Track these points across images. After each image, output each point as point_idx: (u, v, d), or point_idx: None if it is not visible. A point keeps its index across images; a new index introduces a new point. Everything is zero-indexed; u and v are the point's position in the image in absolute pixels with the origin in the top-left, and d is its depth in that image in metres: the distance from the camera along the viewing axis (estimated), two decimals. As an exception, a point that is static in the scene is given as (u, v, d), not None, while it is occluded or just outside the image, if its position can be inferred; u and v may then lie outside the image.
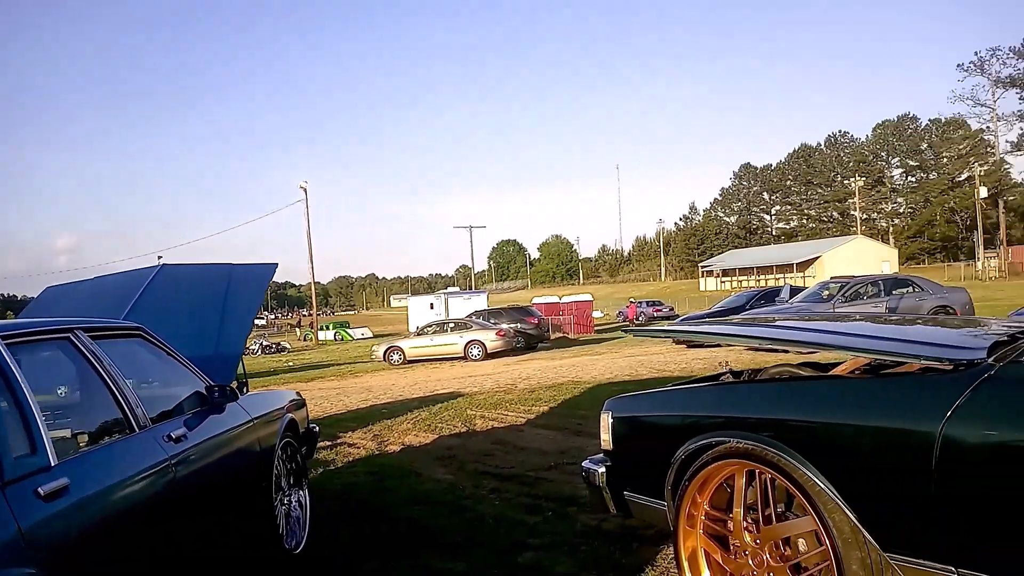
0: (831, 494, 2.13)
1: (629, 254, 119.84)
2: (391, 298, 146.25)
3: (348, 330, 54.36)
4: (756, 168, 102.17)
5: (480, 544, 4.05)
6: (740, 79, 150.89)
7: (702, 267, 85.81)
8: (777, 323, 2.96)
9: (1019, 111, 74.44)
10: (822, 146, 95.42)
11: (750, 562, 2.44)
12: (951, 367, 2.00)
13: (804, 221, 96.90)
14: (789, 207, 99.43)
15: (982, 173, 67.46)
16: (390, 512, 4.86)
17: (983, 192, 64.11)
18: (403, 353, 21.56)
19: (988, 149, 76.81)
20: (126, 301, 4.47)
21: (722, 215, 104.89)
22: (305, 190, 42.40)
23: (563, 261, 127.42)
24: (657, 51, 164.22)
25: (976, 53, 76.95)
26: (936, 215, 79.92)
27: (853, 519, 2.10)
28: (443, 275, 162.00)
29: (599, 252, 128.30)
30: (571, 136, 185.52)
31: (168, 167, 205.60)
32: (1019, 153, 75.38)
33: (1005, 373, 1.86)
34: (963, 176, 76.70)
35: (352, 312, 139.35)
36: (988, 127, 77.60)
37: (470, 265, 60.93)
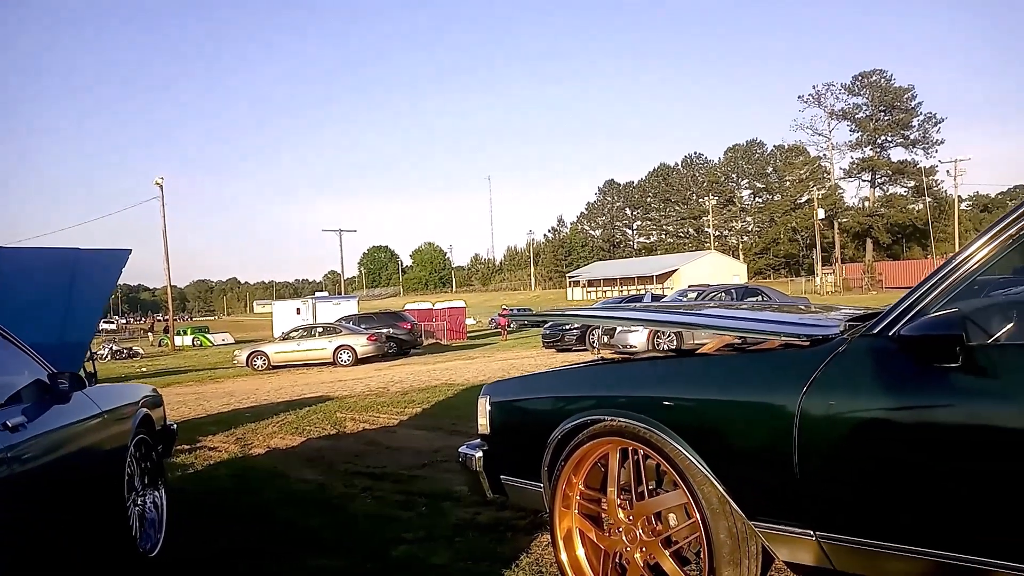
0: (700, 467, 2.23)
1: (501, 263, 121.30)
2: (254, 303, 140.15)
3: (207, 335, 51.62)
4: (619, 185, 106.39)
5: (353, 541, 3.94)
6: (605, 98, 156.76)
7: (569, 277, 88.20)
8: (655, 309, 3.07)
9: (850, 141, 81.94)
10: (679, 166, 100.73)
11: (623, 538, 2.51)
12: (808, 343, 2.15)
13: (663, 236, 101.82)
14: (649, 223, 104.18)
15: (820, 196, 73.49)
16: (257, 513, 4.64)
17: (821, 214, 69.86)
18: (268, 358, 20.68)
19: (825, 175, 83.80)
20: (-46, 285, 4.01)
21: (588, 228, 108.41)
22: (161, 186, 39.87)
23: (436, 269, 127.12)
24: (526, 65, 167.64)
25: (814, 87, 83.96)
26: (780, 234, 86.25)
27: (721, 490, 2.20)
28: (311, 281, 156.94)
29: (472, 261, 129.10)
30: (444, 145, 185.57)
31: (9, 161, 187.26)
32: (851, 179, 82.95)
33: (857, 346, 2.01)
34: (803, 199, 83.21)
35: (212, 317, 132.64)
36: (825, 155, 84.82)
37: (339, 271, 59.42)
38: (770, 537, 2.15)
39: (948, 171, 60.35)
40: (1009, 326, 1.92)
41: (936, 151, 76.39)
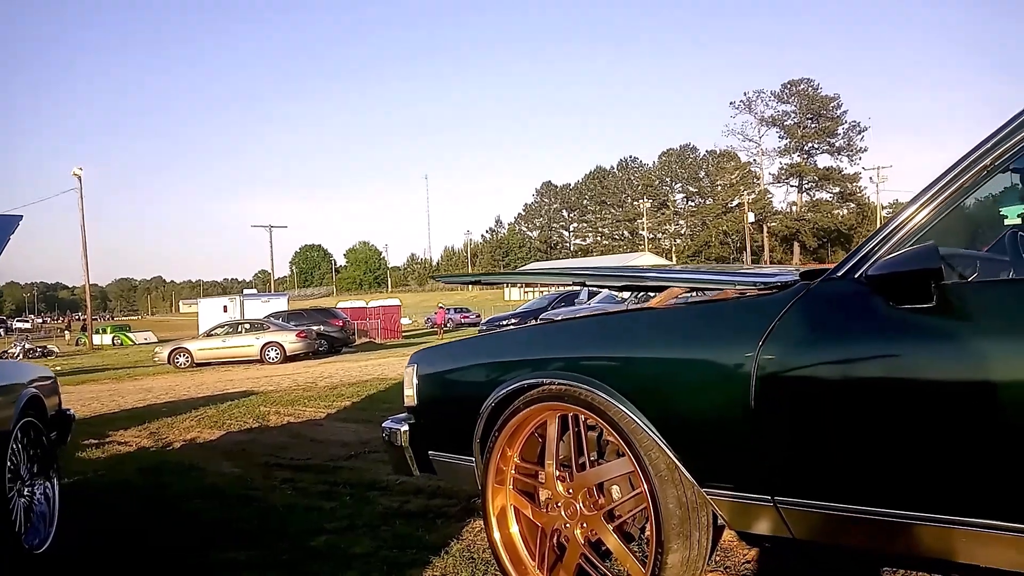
0: (648, 431, 2.02)
1: (438, 264, 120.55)
2: (180, 303, 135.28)
3: (129, 334, 49.53)
4: (556, 186, 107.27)
5: (270, 532, 3.62)
6: (543, 99, 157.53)
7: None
8: (599, 269, 2.85)
9: (779, 148, 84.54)
10: (615, 169, 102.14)
11: (563, 514, 2.29)
12: (766, 290, 1.98)
13: (599, 238, 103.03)
14: (585, 224, 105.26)
15: (750, 201, 75.61)
16: (166, 506, 4.26)
17: (751, 218, 71.78)
18: (191, 355, 19.80)
19: (755, 180, 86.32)
20: None
21: (525, 229, 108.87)
22: (79, 177, 37.93)
23: (371, 269, 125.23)
24: (464, 64, 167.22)
25: (745, 93, 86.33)
26: (712, 237, 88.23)
27: (671, 456, 2.00)
28: (240, 280, 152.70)
29: (408, 261, 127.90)
30: (380, 144, 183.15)
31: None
32: (779, 184, 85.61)
33: (819, 291, 1.83)
34: (734, 203, 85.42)
35: (135, 317, 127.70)
36: (755, 160, 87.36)
37: (270, 269, 57.77)
38: (723, 505, 1.96)
39: (871, 178, 62.79)
40: (977, 272, 1.78)
41: (860, 158, 79.68)
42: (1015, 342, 1.52)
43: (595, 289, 22.75)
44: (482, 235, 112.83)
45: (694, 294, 2.42)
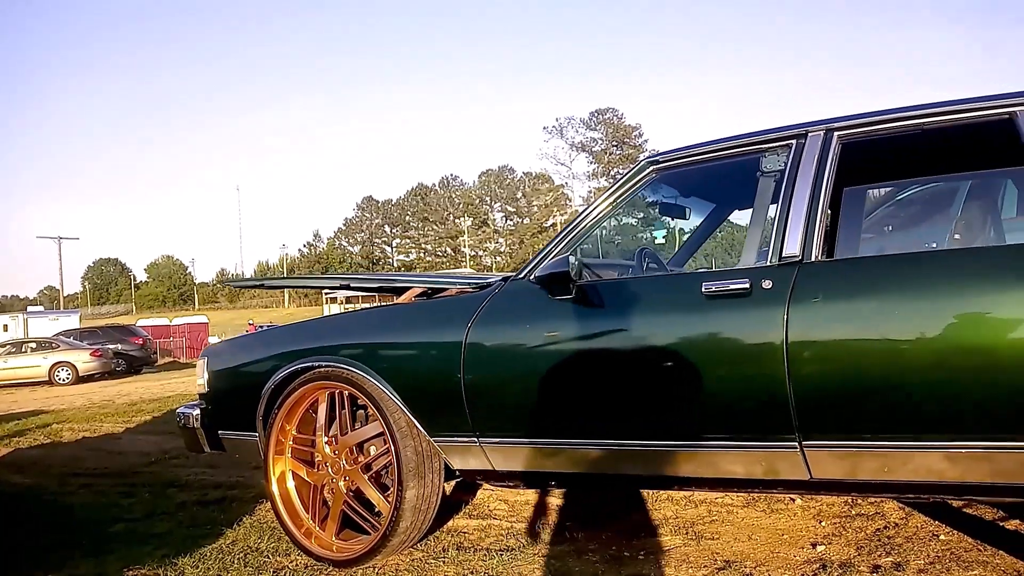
0: (393, 398, 2.66)
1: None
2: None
3: None
4: (378, 202, 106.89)
5: (68, 526, 3.86)
6: (362, 114, 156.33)
7: (326, 294, 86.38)
8: (360, 275, 3.46)
9: (588, 172, 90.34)
10: (436, 187, 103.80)
11: (330, 471, 2.87)
12: (477, 288, 2.70)
13: (422, 254, 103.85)
14: (408, 240, 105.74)
15: (562, 221, 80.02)
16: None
17: (564, 236, 76.02)
18: (-37, 379, 17.98)
19: (567, 201, 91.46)
20: None
21: (346, 244, 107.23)
22: None
23: (176, 284, 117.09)
24: (283, 71, 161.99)
25: (557, 119, 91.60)
26: (529, 255, 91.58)
27: (409, 416, 2.65)
28: (22, 298, 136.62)
29: (218, 276, 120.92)
30: (185, 149, 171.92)
31: None
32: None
33: (507, 288, 2.59)
34: (549, 223, 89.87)
35: None
36: (567, 183, 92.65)
37: (58, 285, 52.61)
38: (446, 449, 2.64)
39: (667, 202, 68.74)
40: (613, 274, 2.60)
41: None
42: (618, 319, 2.34)
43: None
44: (299, 249, 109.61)
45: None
